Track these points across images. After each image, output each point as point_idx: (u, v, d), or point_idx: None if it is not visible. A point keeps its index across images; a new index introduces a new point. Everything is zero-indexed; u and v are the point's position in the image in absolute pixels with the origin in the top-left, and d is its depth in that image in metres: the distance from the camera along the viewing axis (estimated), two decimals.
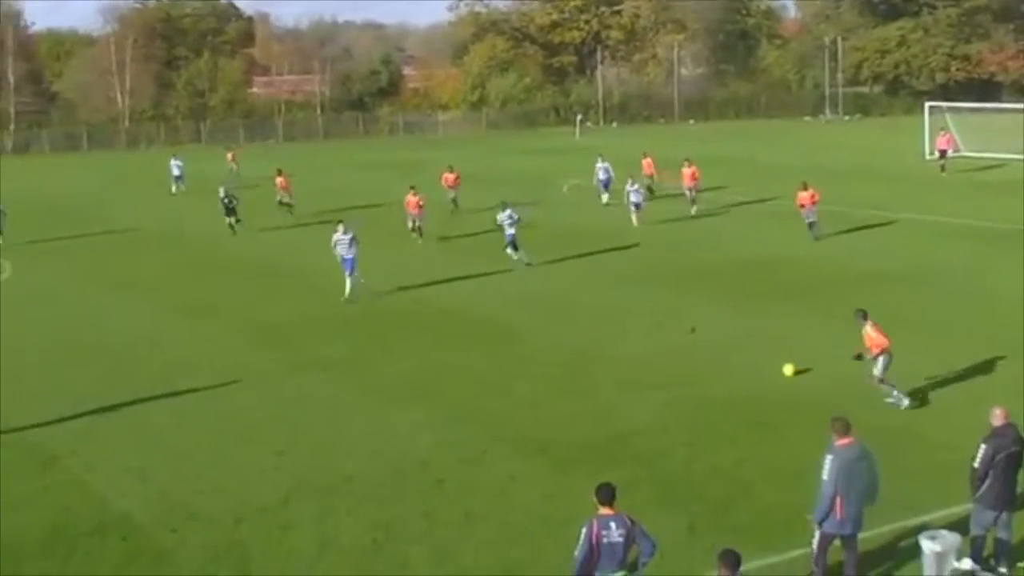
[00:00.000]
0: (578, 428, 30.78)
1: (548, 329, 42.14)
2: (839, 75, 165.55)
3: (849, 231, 60.36)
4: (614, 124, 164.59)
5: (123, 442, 31.73)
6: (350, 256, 47.76)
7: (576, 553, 18.01)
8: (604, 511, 18.26)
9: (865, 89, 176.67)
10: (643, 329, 41.38)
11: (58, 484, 28.76)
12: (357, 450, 30.01)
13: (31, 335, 45.15)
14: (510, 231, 53.67)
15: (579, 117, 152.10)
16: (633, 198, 64.52)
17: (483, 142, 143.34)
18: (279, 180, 76.30)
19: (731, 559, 16.36)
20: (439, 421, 32.10)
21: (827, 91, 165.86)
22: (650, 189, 72.54)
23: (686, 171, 69.12)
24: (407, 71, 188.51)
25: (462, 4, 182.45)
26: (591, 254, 55.63)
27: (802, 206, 58.17)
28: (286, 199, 75.13)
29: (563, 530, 20.02)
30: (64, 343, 43.37)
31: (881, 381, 31.11)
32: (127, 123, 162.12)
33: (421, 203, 62.22)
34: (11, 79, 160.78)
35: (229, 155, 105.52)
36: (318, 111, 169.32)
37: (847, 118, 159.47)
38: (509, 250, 53.67)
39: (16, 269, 59.93)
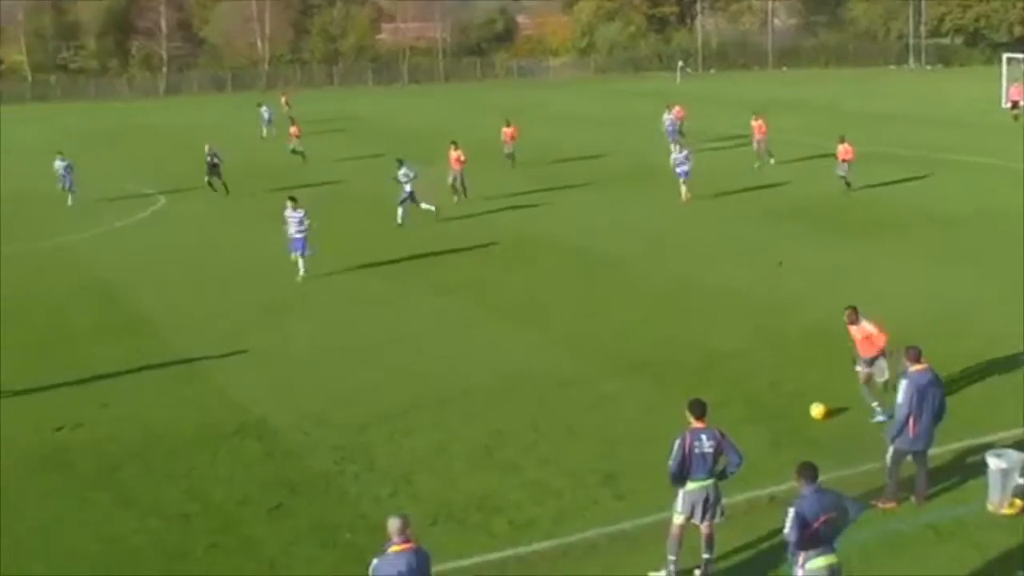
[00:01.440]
0: (673, 351, 30.93)
1: (645, 260, 42.19)
2: (922, 27, 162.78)
3: (927, 174, 59.74)
4: (712, 70, 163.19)
5: (260, 356, 32.46)
6: (300, 236, 41.36)
7: (670, 462, 18.27)
8: (696, 424, 18.48)
9: (946, 41, 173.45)
10: (734, 262, 41.29)
11: (205, 391, 29.57)
12: (472, 366, 30.39)
13: (179, 258, 45.98)
14: (407, 188, 50.61)
15: (680, 63, 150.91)
16: (680, 168, 54.20)
17: (591, 86, 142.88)
18: (292, 130, 76.45)
19: (809, 471, 16.46)
20: (547, 341, 32.38)
21: (910, 42, 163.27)
22: (681, 132, 70.32)
23: (755, 124, 66.37)
24: (521, 19, 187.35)
25: None
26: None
27: (839, 159, 55.39)
28: (298, 148, 74.85)
29: (660, 442, 20.15)
30: (207, 266, 44.09)
31: (866, 383, 25.65)
32: (267, 66, 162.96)
33: (462, 159, 56.57)
34: (164, 26, 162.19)
35: (283, 99, 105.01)
36: (439, 57, 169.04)
37: (929, 68, 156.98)
38: (400, 209, 50.57)
39: (169, 201, 60.70)
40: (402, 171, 50.91)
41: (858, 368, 25.77)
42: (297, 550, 20.41)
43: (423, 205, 50.84)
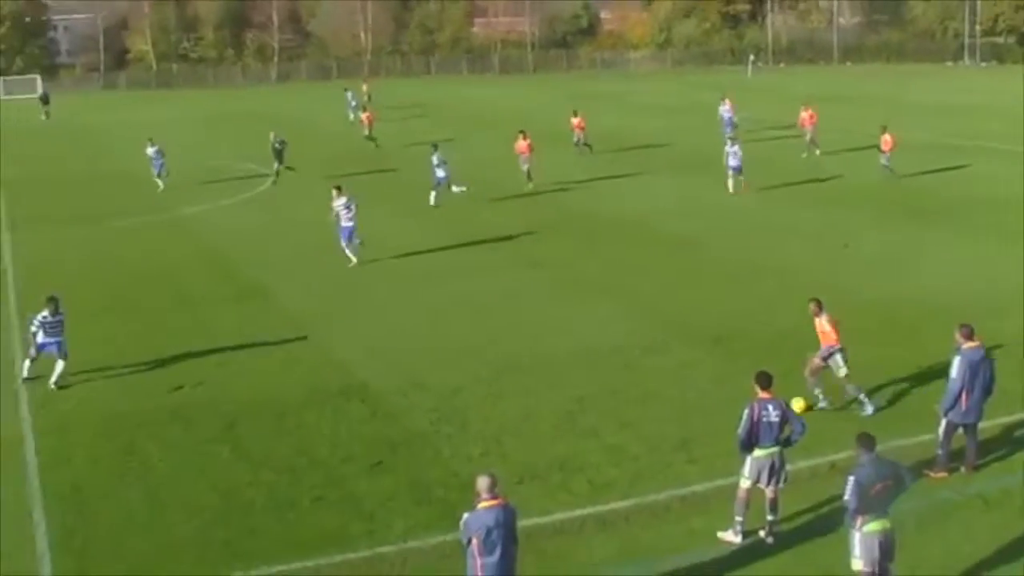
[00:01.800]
0: (743, 325, 30.86)
1: (715, 241, 41.94)
2: (977, 27, 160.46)
3: (976, 162, 59.04)
4: (781, 65, 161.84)
5: (364, 323, 32.78)
6: (349, 224, 39.84)
7: (739, 430, 18.35)
8: (763, 395, 18.52)
9: (1000, 39, 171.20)
10: (802, 243, 41.07)
11: (313, 355, 29.89)
12: (558, 335, 30.46)
13: (288, 230, 46.42)
14: (440, 173, 50.57)
15: (751, 58, 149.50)
16: (732, 161, 51.30)
17: (667, 78, 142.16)
18: (364, 116, 75.83)
19: (867, 441, 16.41)
20: (628, 313, 32.39)
21: (966, 41, 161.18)
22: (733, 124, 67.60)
23: (804, 114, 64.42)
24: (604, 15, 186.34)
25: None
26: (757, 178, 54.71)
27: (882, 150, 53.95)
28: (370, 134, 74.08)
29: (730, 411, 20.17)
30: (313, 238, 44.17)
31: (814, 375, 24.51)
32: (368, 56, 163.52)
33: (531, 146, 54.61)
34: (275, 19, 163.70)
35: (364, 86, 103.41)
36: (528, 49, 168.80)
37: (983, 65, 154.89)
38: (433, 192, 50.83)
39: (279, 179, 61.08)
40: (434, 156, 50.93)
41: (816, 359, 24.50)
42: (394, 505, 20.63)
43: (454, 188, 50.58)
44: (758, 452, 18.43)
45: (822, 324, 24.60)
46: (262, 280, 38.42)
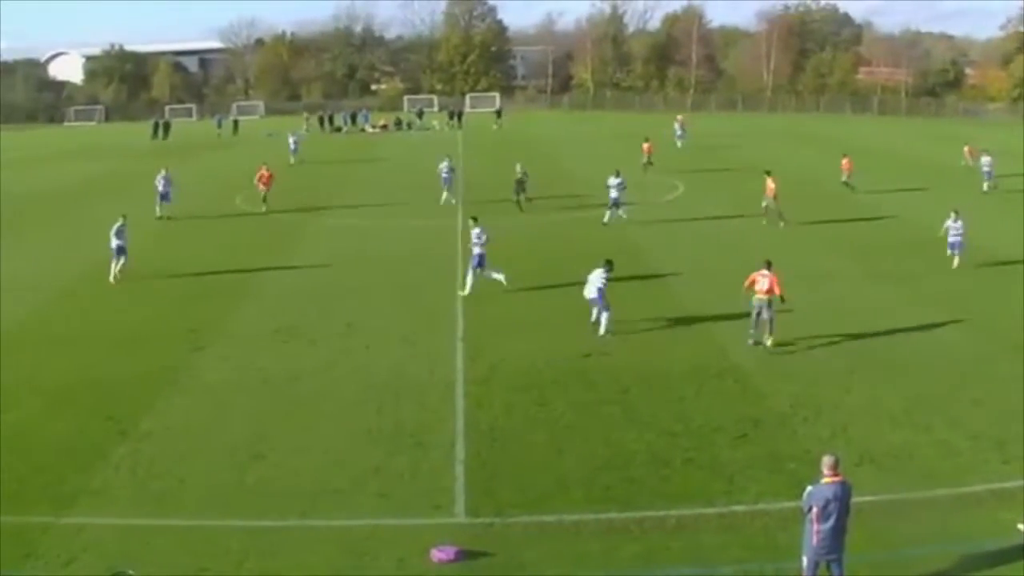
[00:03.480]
0: None
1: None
2: None
3: None
4: None
5: (742, 315, 31.30)
6: (480, 252, 34.95)
7: None
8: None
9: None
10: None
11: (699, 338, 29.92)
12: (901, 341, 29.17)
13: (690, 230, 46.19)
14: (614, 195, 47.65)
15: None
16: (952, 236, 39.23)
17: (1017, 128, 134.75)
18: (645, 146, 68.74)
19: None
20: (963, 326, 30.55)
21: None
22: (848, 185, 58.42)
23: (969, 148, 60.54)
24: (968, 71, 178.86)
25: (1010, 24, 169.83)
26: None
27: None
28: (647, 161, 67.90)
29: None
30: (711, 238, 44.02)
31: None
32: (769, 93, 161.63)
33: (772, 187, 48.08)
34: (694, 58, 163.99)
35: (679, 118, 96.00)
36: (903, 95, 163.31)
37: None
38: (620, 212, 47.97)
39: (687, 189, 60.93)
40: (617, 180, 48.29)
41: None
42: (752, 472, 20.41)
43: (621, 212, 48.16)
44: None
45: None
46: (666, 269, 38.57)
